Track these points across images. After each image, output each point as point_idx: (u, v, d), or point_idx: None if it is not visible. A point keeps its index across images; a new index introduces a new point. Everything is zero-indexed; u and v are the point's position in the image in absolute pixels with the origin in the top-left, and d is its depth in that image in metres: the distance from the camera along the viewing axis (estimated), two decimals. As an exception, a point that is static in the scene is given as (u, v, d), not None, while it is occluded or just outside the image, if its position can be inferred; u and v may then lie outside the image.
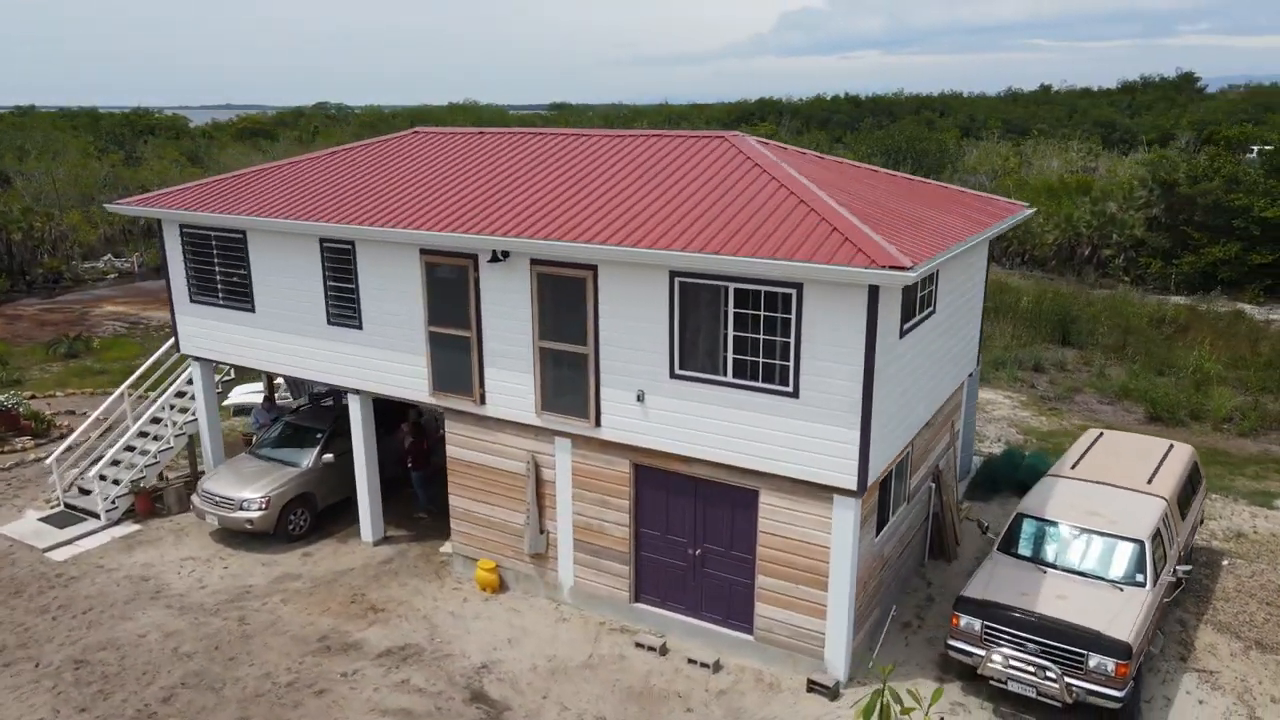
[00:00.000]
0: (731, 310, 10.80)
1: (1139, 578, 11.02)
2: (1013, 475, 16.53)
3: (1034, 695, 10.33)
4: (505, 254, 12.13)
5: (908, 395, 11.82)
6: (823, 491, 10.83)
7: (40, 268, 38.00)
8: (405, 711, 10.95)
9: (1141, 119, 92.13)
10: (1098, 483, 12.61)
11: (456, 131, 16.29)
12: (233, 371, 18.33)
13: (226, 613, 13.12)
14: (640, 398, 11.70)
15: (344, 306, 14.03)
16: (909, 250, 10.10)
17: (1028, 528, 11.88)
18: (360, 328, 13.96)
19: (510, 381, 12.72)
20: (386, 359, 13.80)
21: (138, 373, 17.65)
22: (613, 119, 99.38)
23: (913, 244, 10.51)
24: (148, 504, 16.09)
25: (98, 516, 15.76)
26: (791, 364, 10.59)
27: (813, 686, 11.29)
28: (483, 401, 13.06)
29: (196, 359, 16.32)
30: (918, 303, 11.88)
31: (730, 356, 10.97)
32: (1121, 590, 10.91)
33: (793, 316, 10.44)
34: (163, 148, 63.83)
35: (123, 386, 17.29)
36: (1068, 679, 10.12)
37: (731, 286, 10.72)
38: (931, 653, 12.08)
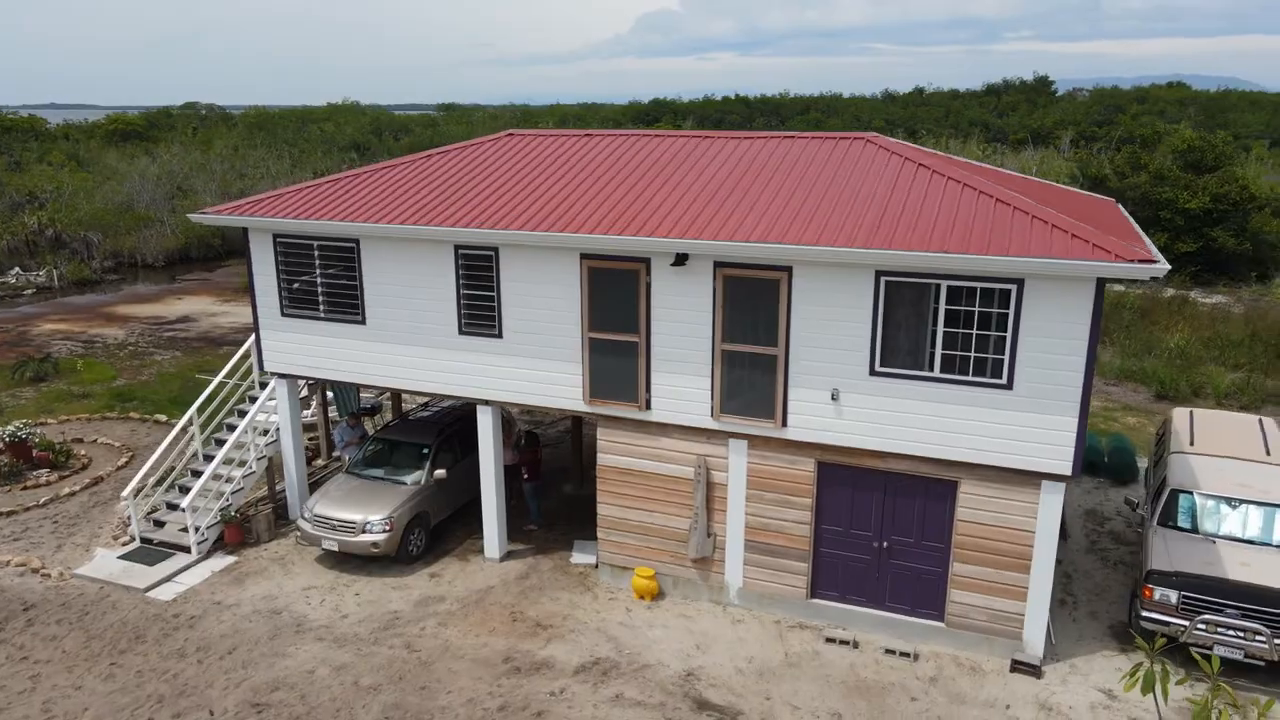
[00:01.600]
0: (943, 307, 11.09)
1: (1300, 541, 11.99)
2: (1098, 456, 17.57)
3: (1241, 657, 11.09)
4: (685, 257, 12.03)
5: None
6: (1031, 478, 11.27)
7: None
8: (637, 725, 10.76)
9: (1009, 119, 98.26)
10: (1226, 457, 13.59)
11: (553, 133, 15.96)
12: (305, 388, 17.33)
13: (388, 641, 12.47)
14: (835, 396, 11.84)
15: (480, 315, 13.55)
16: (1122, 246, 10.65)
17: (1185, 502, 12.69)
18: (500, 336, 13.51)
19: (682, 386, 12.62)
20: (531, 368, 13.42)
21: (202, 395, 16.43)
22: (505, 119, 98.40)
23: (1119, 239, 11.08)
24: (238, 533, 15.05)
25: (187, 550, 14.64)
26: (1006, 357, 10.98)
27: (1016, 666, 11.73)
28: (648, 407, 12.90)
29: (283, 376, 15.37)
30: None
31: (939, 353, 11.27)
32: (1293, 553, 11.85)
33: (1010, 312, 10.83)
34: (47, 152, 58.94)
35: (190, 411, 16.07)
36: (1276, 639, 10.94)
37: (944, 284, 11.02)
38: (1099, 626, 12.73)
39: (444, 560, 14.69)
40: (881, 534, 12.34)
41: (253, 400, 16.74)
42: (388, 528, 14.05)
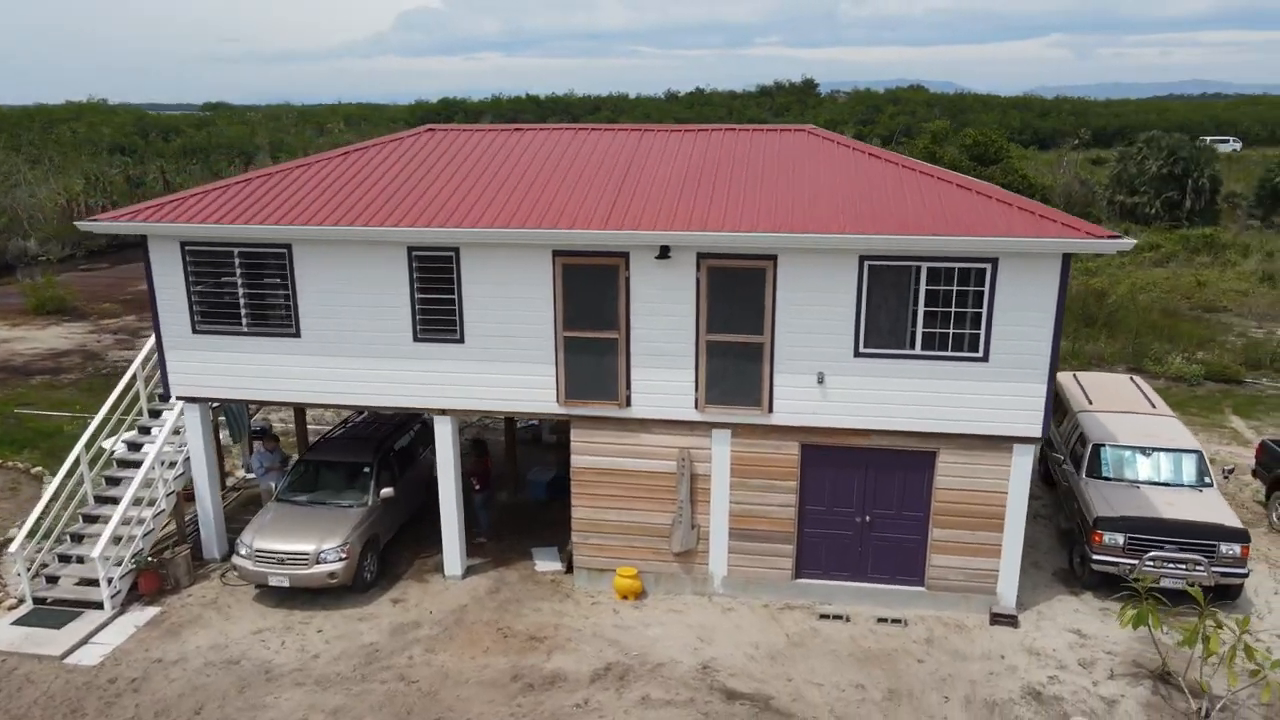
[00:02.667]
0: (924, 288, 11.72)
1: (1206, 480, 13.70)
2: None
3: (1184, 586, 12.51)
4: (668, 250, 11.96)
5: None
6: (1004, 443, 12.16)
7: None
8: (675, 724, 10.62)
9: (786, 118, 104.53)
10: (1125, 412, 15.24)
11: (478, 129, 15.33)
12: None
13: (376, 676, 11.54)
14: (820, 379, 12.21)
15: (438, 320, 12.80)
16: (1089, 225, 11.68)
17: (1107, 455, 14.13)
18: (460, 341, 12.83)
19: (664, 380, 12.54)
20: (497, 372, 12.85)
21: (88, 430, 14.36)
22: (285, 120, 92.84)
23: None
24: (155, 580, 13.35)
25: (98, 605, 12.82)
26: (982, 332, 11.76)
27: (996, 619, 12.63)
28: (628, 404, 12.71)
29: (193, 400, 13.79)
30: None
31: (920, 331, 11.89)
32: (1201, 491, 13.50)
33: (986, 289, 11.62)
34: None
35: (76, 449, 14.00)
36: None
37: (925, 266, 11.64)
38: (1044, 575, 13.91)
39: (401, 584, 13.75)
40: (863, 509, 12.86)
41: (144, 431, 14.90)
42: (344, 555, 12.97)
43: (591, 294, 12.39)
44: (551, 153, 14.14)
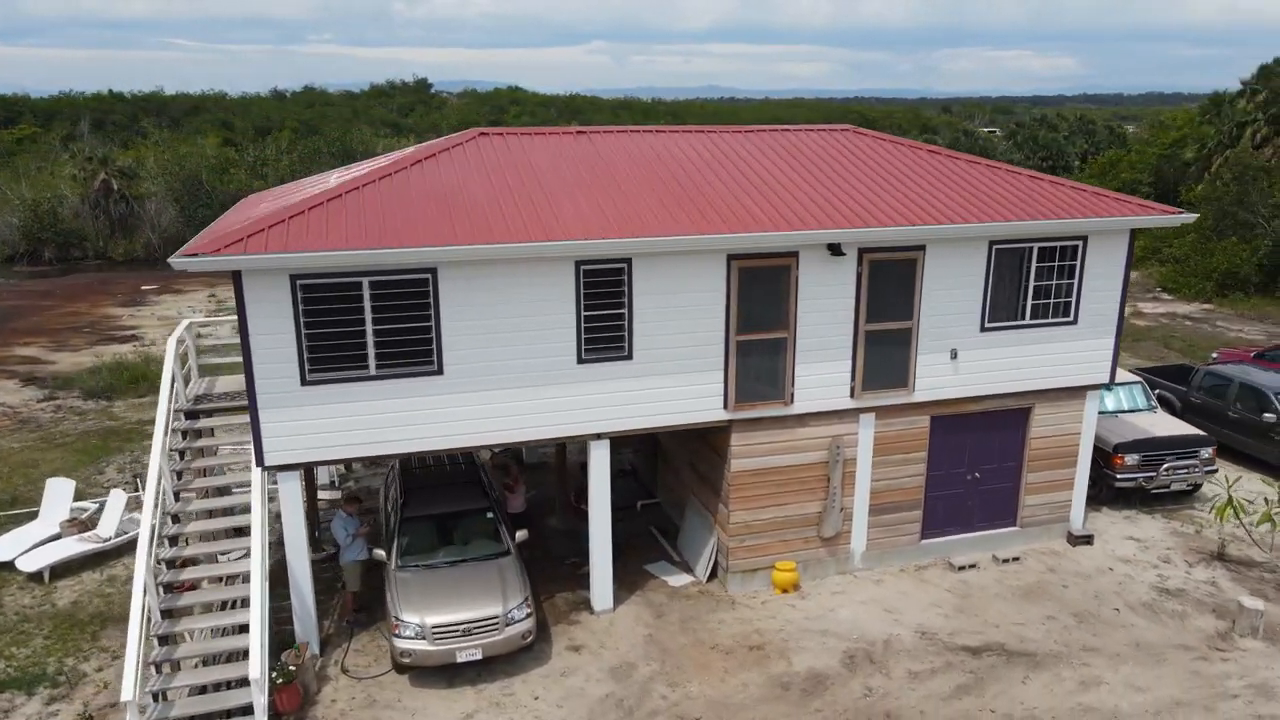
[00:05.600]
0: (1034, 265, 13.49)
1: (1152, 403, 17.26)
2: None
3: (1185, 487, 15.83)
4: (840, 246, 12.42)
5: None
6: (1081, 391, 14.41)
7: None
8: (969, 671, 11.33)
9: (416, 118, 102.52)
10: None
11: (519, 131, 14.23)
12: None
13: (652, 724, 10.68)
14: (954, 355, 13.48)
15: (605, 337, 11.94)
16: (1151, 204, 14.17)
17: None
18: (629, 357, 12.11)
19: (824, 373, 12.97)
20: (665, 385, 12.34)
21: (148, 503, 11.00)
22: None
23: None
24: (296, 697, 10.82)
25: (247, 739, 10.15)
26: (1073, 299, 13.84)
27: (1076, 540, 14.91)
28: (792, 401, 12.93)
29: (291, 467, 11.34)
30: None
31: (1029, 303, 13.66)
32: (1156, 412, 17.01)
33: (1078, 262, 13.69)
34: None
35: (144, 538, 10.67)
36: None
37: (1036, 246, 13.41)
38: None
39: (546, 631, 12.55)
40: (971, 466, 14.40)
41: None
42: (529, 610, 11.63)
43: (762, 295, 12.41)
44: (661, 156, 13.67)
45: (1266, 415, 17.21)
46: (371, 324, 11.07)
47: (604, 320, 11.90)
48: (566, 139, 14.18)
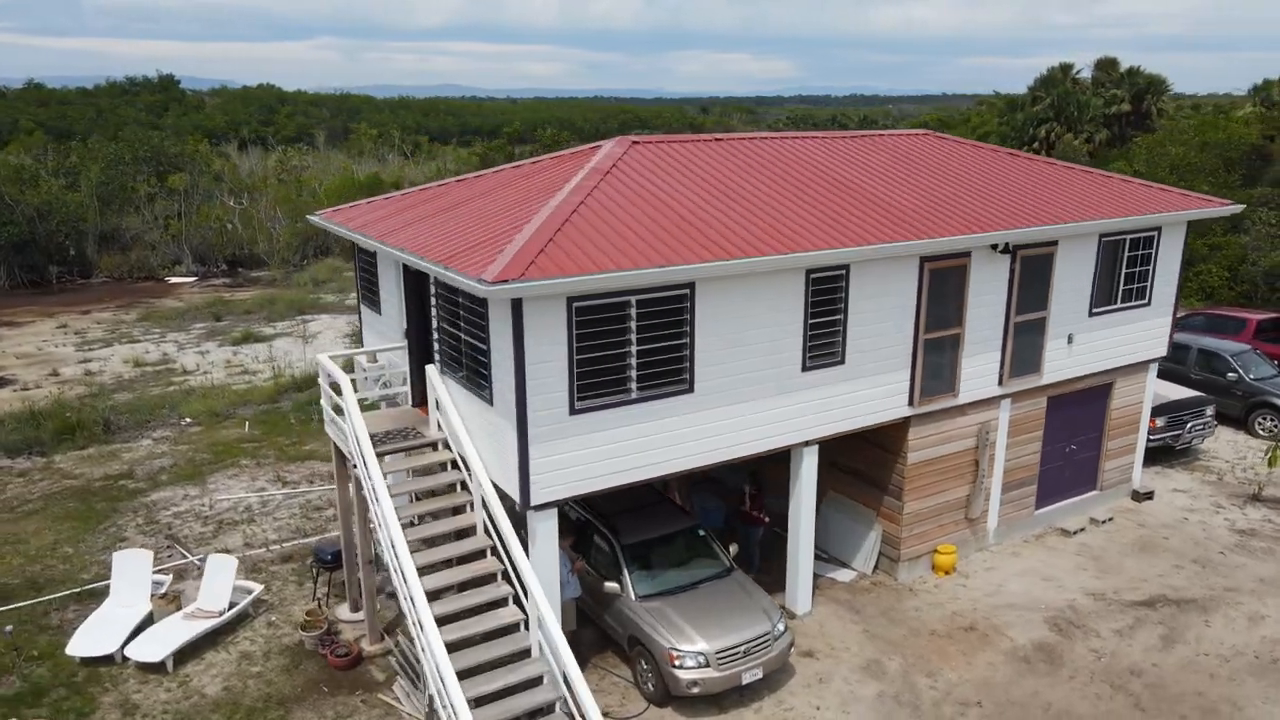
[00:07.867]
0: (1126, 254, 15.07)
1: (1148, 371, 19.67)
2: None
3: (1201, 444, 18.18)
4: (1008, 245, 13.28)
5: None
6: (1146, 364, 16.24)
7: None
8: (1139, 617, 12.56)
9: (176, 119, 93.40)
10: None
11: (667, 139, 13.91)
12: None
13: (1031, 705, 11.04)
14: (1070, 340, 14.78)
15: (824, 344, 12.08)
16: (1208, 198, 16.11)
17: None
18: (842, 362, 12.31)
19: (981, 364, 13.80)
20: (867, 388, 12.68)
21: (416, 584, 9.72)
22: None
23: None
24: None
25: (584, 801, 9.42)
26: (1149, 283, 15.59)
27: (1139, 496, 16.78)
28: (958, 393, 13.65)
29: (546, 507, 10.58)
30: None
31: (1121, 288, 15.23)
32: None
33: (1154, 251, 15.43)
34: None
35: (419, 598, 9.49)
36: (1208, 426, 18.36)
37: (1128, 237, 14.99)
38: (1093, 463, 18.52)
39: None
40: (1069, 439, 15.81)
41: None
42: (786, 624, 11.57)
43: (943, 294, 13.02)
44: (789, 159, 13.83)
45: (1229, 374, 20.14)
46: (635, 345, 10.55)
47: (823, 328, 12.02)
48: (716, 146, 14.03)
